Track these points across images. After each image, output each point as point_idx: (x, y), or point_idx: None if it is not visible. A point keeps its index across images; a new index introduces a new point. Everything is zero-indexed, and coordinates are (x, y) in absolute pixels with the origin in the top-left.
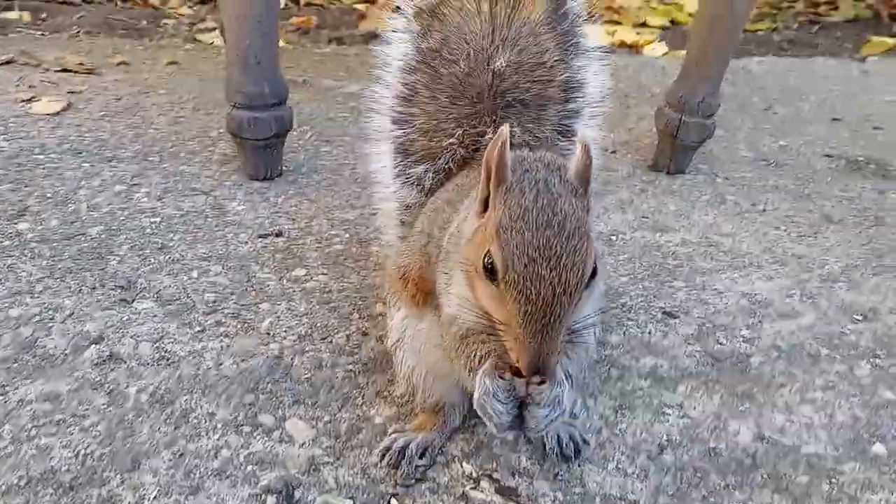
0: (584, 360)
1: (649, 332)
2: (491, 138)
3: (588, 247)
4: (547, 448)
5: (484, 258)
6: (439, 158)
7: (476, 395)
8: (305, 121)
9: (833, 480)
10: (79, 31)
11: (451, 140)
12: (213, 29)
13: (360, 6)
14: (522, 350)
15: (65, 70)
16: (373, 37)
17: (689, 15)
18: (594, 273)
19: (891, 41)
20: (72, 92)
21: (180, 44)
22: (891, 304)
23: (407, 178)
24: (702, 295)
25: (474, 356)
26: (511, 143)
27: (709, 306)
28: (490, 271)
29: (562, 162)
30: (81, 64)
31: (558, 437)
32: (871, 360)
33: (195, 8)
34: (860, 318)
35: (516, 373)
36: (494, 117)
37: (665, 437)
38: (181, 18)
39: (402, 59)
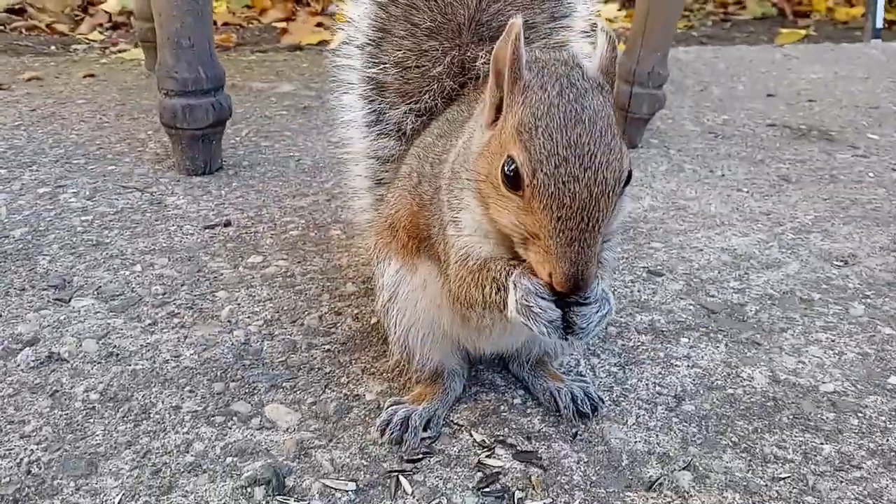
0: (613, 265)
1: (638, 290)
2: (485, 63)
3: (622, 145)
4: (561, 407)
5: (503, 166)
6: (423, 94)
7: (515, 298)
8: (240, 119)
9: (860, 414)
10: None
11: (438, 69)
12: (129, 49)
13: (281, 24)
14: (557, 261)
15: None
16: (297, 49)
17: (608, 20)
18: (629, 176)
19: (802, 32)
20: None
21: (96, 58)
22: (867, 249)
23: (384, 127)
24: (682, 253)
25: (501, 274)
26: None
27: (692, 263)
28: (512, 179)
29: (581, 60)
30: None
31: (572, 394)
32: (863, 300)
33: (107, 33)
34: (841, 263)
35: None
36: (481, 48)
37: (680, 388)
38: (93, 43)
39: None
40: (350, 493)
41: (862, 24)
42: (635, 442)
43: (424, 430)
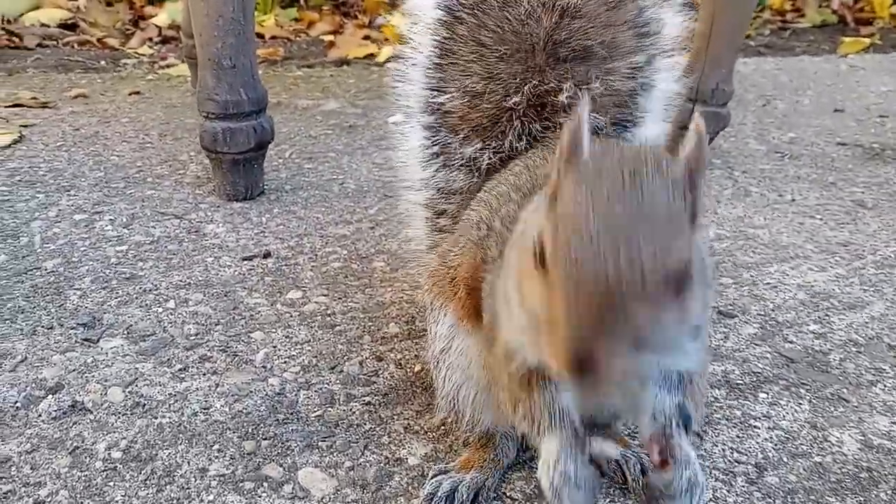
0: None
1: (709, 335)
2: (569, 97)
3: (684, 238)
4: (629, 479)
5: (533, 239)
6: (501, 131)
7: (551, 480)
8: (284, 140)
9: None
10: (33, 74)
11: (514, 99)
12: (178, 64)
13: (328, 37)
14: (562, 330)
15: (17, 105)
16: (344, 63)
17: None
18: (688, 274)
19: (866, 40)
20: (24, 125)
21: (142, 75)
22: None
23: (450, 159)
24: (754, 290)
25: (538, 415)
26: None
27: (766, 302)
28: (540, 251)
29: (665, 154)
30: (35, 98)
31: (641, 464)
32: None
33: (156, 47)
34: None
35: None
36: (559, 72)
37: (761, 455)
38: (142, 58)
39: (438, 8)
40: None
41: None
42: None
43: (472, 503)
